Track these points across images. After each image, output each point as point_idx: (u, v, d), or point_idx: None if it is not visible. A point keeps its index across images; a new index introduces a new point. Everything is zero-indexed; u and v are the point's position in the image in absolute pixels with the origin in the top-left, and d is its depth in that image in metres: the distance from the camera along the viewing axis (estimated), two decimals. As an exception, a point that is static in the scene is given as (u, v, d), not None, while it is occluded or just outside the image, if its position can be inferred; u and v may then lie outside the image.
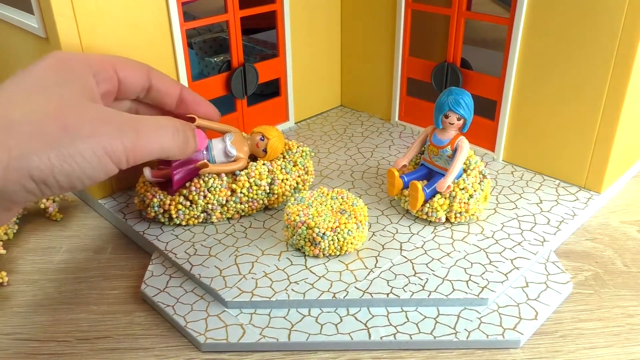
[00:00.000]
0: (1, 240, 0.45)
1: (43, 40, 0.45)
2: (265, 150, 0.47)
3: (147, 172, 0.45)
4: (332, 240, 0.41)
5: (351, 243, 0.42)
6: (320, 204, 0.43)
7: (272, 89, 0.63)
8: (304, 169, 0.48)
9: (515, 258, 0.42)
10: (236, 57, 0.55)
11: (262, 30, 0.77)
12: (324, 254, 0.42)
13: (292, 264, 0.42)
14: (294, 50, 0.60)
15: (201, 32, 0.74)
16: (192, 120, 0.46)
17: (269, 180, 0.46)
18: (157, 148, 0.35)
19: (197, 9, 0.73)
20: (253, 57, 0.66)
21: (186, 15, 0.50)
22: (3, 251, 0.44)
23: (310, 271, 0.41)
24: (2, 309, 0.41)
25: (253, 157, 0.48)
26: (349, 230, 0.41)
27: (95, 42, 0.44)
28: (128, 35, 0.46)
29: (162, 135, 0.36)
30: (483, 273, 0.40)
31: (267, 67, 0.59)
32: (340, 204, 0.43)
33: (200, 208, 0.45)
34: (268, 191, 0.47)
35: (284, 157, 0.48)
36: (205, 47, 0.71)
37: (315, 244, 0.41)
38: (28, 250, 0.47)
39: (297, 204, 0.43)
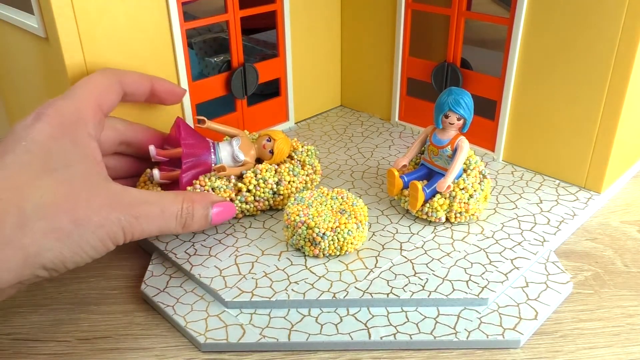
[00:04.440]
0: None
1: (43, 40, 0.45)
2: (271, 152, 0.47)
3: (156, 173, 0.45)
4: (332, 240, 0.41)
5: (351, 243, 0.42)
6: (320, 204, 0.43)
7: (272, 89, 0.63)
8: (312, 168, 0.49)
9: (515, 258, 0.42)
10: (236, 57, 0.55)
11: (262, 30, 0.77)
12: (324, 254, 0.42)
13: (292, 264, 0.42)
14: (294, 50, 0.60)
15: (201, 32, 0.74)
16: (202, 122, 0.47)
17: (276, 179, 0.46)
18: (156, 231, 0.38)
19: (197, 9, 0.72)
20: (253, 57, 0.66)
21: (186, 15, 0.50)
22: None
23: (310, 271, 0.41)
24: (2, 308, 0.41)
25: (259, 161, 0.48)
26: (349, 230, 0.41)
27: (95, 42, 0.44)
28: (128, 35, 0.46)
29: (163, 221, 0.38)
30: (483, 273, 0.40)
31: (267, 67, 0.59)
32: (340, 204, 0.43)
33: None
34: (275, 190, 0.47)
35: (291, 159, 0.48)
36: (205, 47, 0.71)
37: (315, 244, 0.41)
38: (28, 250, 0.47)
39: (297, 203, 0.43)
